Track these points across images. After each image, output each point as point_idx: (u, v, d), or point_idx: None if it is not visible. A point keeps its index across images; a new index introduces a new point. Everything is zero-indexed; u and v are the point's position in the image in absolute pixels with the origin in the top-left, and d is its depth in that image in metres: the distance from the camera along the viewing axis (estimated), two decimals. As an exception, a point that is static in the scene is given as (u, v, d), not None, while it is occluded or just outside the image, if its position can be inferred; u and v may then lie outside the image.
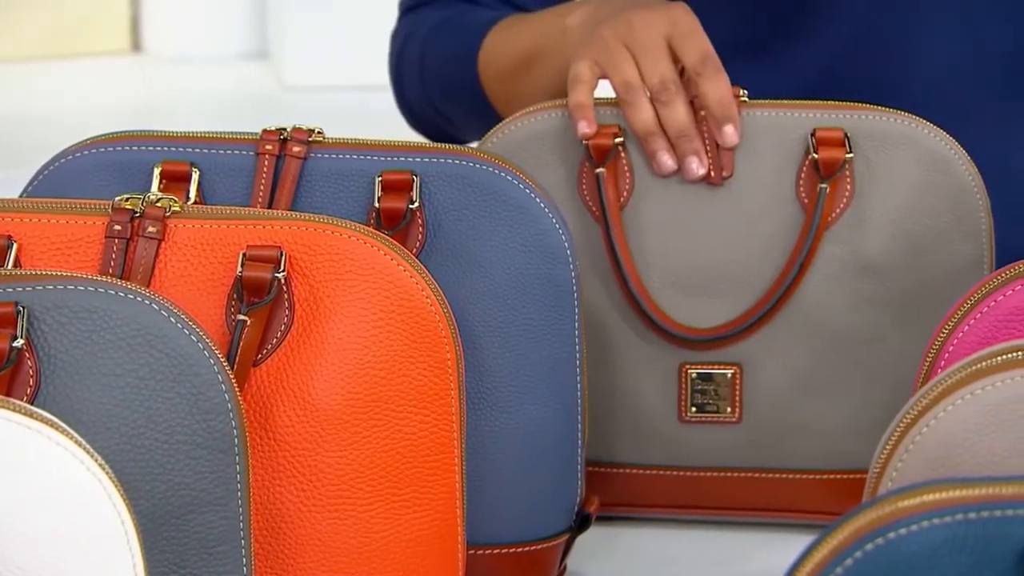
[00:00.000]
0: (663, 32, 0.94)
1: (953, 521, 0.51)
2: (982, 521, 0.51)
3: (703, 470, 0.96)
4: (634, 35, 0.94)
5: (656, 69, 0.93)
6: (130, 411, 0.67)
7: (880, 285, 0.93)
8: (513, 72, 1.08)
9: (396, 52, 1.20)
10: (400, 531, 0.77)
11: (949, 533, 0.51)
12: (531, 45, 1.06)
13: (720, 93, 0.92)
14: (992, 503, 0.51)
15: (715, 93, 0.92)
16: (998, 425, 0.62)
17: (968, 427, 0.62)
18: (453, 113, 1.17)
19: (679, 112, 0.92)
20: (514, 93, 1.08)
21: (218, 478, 0.69)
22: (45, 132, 1.91)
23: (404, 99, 1.21)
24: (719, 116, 0.92)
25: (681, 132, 0.92)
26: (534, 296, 0.85)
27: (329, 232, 0.77)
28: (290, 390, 0.76)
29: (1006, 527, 0.51)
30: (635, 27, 0.94)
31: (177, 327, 0.69)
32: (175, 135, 0.87)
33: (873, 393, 0.94)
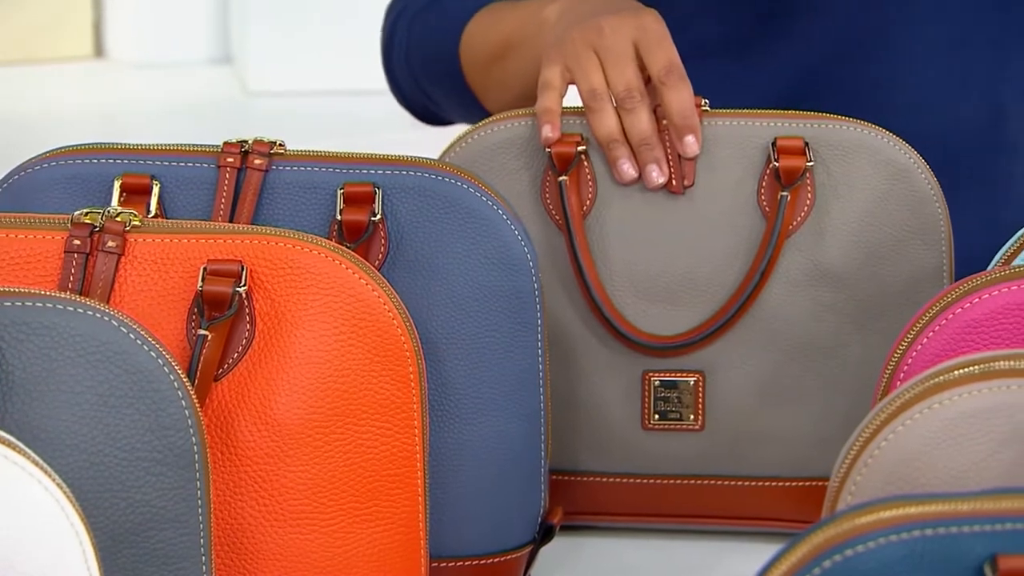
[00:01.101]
0: (631, 38, 0.94)
1: (910, 538, 0.51)
2: (939, 538, 0.51)
3: (666, 478, 0.96)
4: (603, 41, 0.94)
5: (622, 76, 0.93)
6: (89, 428, 0.67)
7: (841, 293, 0.94)
8: (490, 59, 1.08)
9: (387, 28, 1.20)
10: (363, 545, 0.77)
11: (906, 550, 0.51)
12: (509, 34, 1.06)
13: (682, 103, 0.92)
14: (949, 520, 0.51)
15: (677, 103, 0.92)
16: (955, 439, 0.62)
17: (926, 441, 0.62)
18: (437, 95, 1.17)
19: (642, 120, 0.93)
20: (490, 81, 1.09)
21: (178, 495, 0.69)
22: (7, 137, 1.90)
23: (393, 76, 1.21)
24: (680, 126, 0.92)
25: (643, 140, 0.92)
26: (496, 308, 0.85)
27: (290, 246, 0.77)
28: (251, 405, 0.75)
29: (963, 544, 0.51)
30: (604, 33, 0.94)
31: (137, 343, 0.68)
32: (136, 147, 0.87)
33: (835, 401, 0.95)
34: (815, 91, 1.08)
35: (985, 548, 0.51)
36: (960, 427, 0.62)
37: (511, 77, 1.06)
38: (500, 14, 1.09)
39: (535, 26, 1.03)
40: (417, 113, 1.24)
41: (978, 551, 0.51)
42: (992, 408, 0.62)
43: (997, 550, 0.51)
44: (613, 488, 0.97)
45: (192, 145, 0.87)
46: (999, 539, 0.51)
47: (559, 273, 0.95)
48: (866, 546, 0.51)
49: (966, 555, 0.51)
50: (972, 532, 0.51)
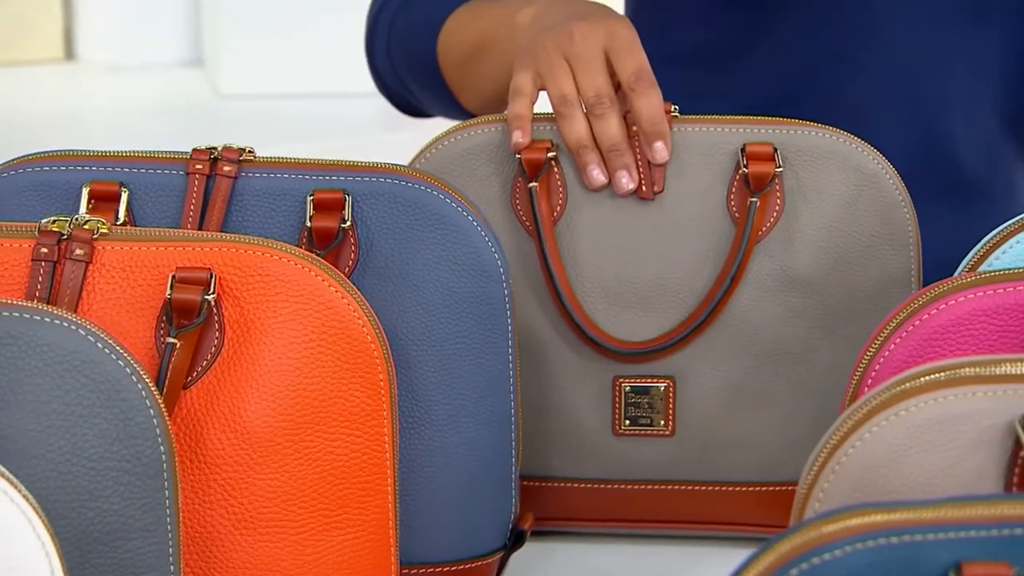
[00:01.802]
0: (602, 44, 0.94)
1: (876, 546, 0.51)
2: (904, 545, 0.51)
3: (637, 483, 0.96)
4: (573, 47, 0.94)
5: (592, 82, 0.93)
6: (56, 438, 0.67)
7: (810, 298, 0.94)
8: (465, 59, 1.08)
9: (370, 21, 1.20)
10: (333, 552, 0.77)
11: (872, 558, 0.51)
12: (483, 35, 1.06)
13: (652, 109, 0.92)
14: (914, 527, 0.52)
15: (647, 109, 0.92)
16: (922, 446, 0.62)
17: (893, 448, 0.62)
18: (416, 90, 1.17)
19: (612, 126, 0.93)
20: (464, 80, 1.09)
21: (147, 504, 0.69)
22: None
23: (375, 69, 1.21)
24: (649, 132, 0.93)
25: (612, 146, 0.93)
26: (467, 314, 0.85)
27: (259, 253, 0.77)
28: (220, 413, 0.75)
29: (928, 551, 0.51)
30: (575, 39, 0.94)
31: (104, 352, 0.68)
32: (104, 154, 0.86)
33: (804, 405, 0.95)
34: (790, 100, 1.08)
35: (950, 555, 0.51)
36: (927, 434, 0.62)
37: (483, 79, 1.06)
38: (476, 13, 1.09)
39: (507, 29, 1.03)
40: (399, 106, 1.24)
41: (943, 558, 0.51)
42: (958, 415, 0.62)
43: (962, 557, 0.51)
44: (584, 494, 0.97)
45: (161, 152, 0.87)
46: (964, 546, 0.51)
47: (529, 279, 0.95)
48: (832, 554, 0.51)
49: (931, 562, 0.51)
50: (937, 540, 0.51)
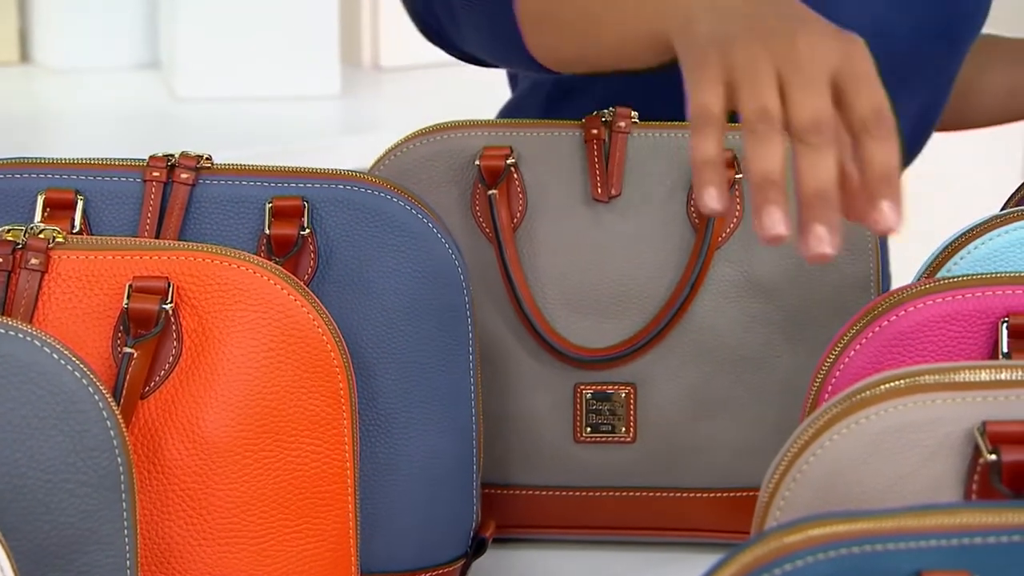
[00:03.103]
0: (832, 66, 0.70)
1: (837, 556, 0.52)
2: (865, 555, 0.52)
3: (598, 490, 0.97)
4: (794, 59, 0.69)
5: (812, 103, 0.68)
6: (11, 450, 0.66)
7: (770, 304, 0.94)
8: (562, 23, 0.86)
9: None
10: (293, 562, 0.77)
11: (834, 568, 0.51)
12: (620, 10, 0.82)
13: (889, 160, 0.68)
14: (875, 537, 0.52)
15: (882, 158, 0.68)
16: (882, 454, 0.63)
17: (853, 456, 0.63)
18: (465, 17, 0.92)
19: (828, 164, 0.67)
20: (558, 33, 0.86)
21: (104, 516, 0.68)
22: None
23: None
24: (881, 189, 0.67)
25: (822, 191, 0.66)
26: (428, 322, 0.85)
27: (218, 262, 0.76)
28: (179, 422, 0.75)
29: (889, 561, 0.52)
30: (799, 49, 0.70)
31: (60, 363, 0.68)
32: (59, 162, 0.86)
33: (764, 411, 0.95)
34: None
35: (911, 565, 0.51)
36: (886, 442, 0.63)
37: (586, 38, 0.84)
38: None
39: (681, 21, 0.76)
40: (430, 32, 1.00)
41: (904, 568, 0.51)
42: (918, 422, 0.63)
43: (923, 567, 0.51)
44: (545, 501, 0.97)
45: (117, 159, 0.87)
46: (924, 556, 0.52)
47: (489, 286, 0.95)
48: (794, 565, 0.51)
49: (893, 572, 0.51)
50: (898, 549, 0.52)
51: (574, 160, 0.95)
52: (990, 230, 0.80)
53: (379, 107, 2.15)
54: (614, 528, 0.97)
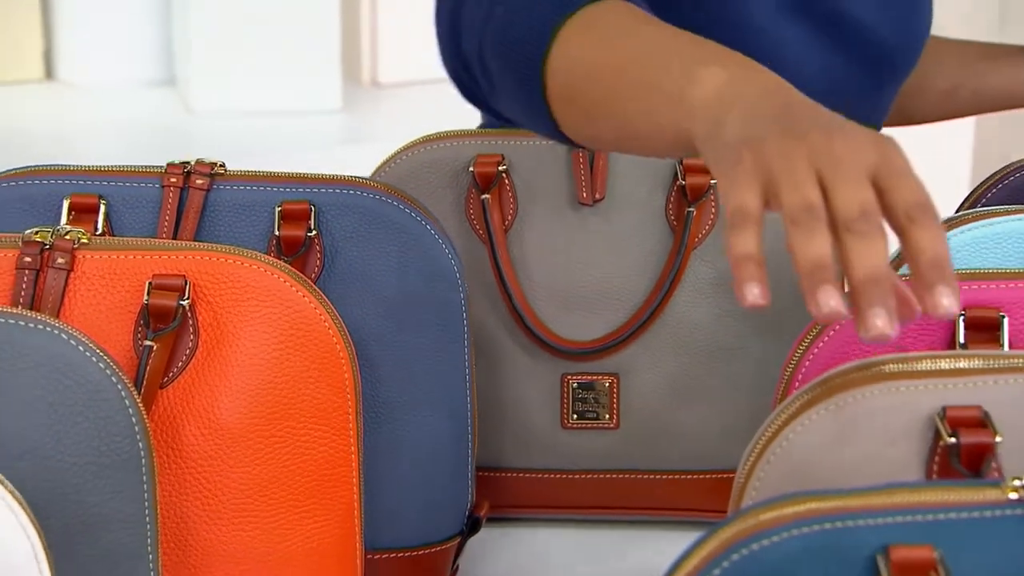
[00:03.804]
0: (871, 163, 0.64)
1: (810, 532, 0.51)
2: (835, 531, 0.51)
3: (584, 473, 0.96)
4: (833, 154, 0.63)
5: (857, 196, 0.62)
6: (41, 436, 0.66)
7: (743, 300, 0.94)
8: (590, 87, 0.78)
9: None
10: (302, 539, 0.76)
11: (806, 543, 0.51)
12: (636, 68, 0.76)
13: (939, 248, 0.61)
14: (844, 514, 0.52)
15: (932, 246, 0.61)
16: (849, 437, 0.62)
17: (823, 440, 0.62)
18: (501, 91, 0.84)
19: (878, 248, 0.61)
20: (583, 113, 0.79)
21: (126, 497, 0.68)
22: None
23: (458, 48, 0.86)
24: (933, 275, 0.61)
25: (876, 275, 0.60)
26: (426, 317, 0.84)
27: (231, 261, 0.76)
28: (195, 410, 0.74)
29: (856, 536, 0.51)
30: (836, 147, 0.64)
31: (85, 355, 0.67)
32: (84, 169, 0.85)
33: (737, 399, 0.95)
34: None
35: (879, 539, 0.51)
36: (854, 426, 0.62)
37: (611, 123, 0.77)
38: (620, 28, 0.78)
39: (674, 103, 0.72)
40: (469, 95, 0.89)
41: (872, 542, 0.51)
42: (883, 408, 0.63)
43: (889, 541, 0.51)
44: (535, 483, 0.96)
45: (137, 166, 0.86)
46: (891, 531, 0.51)
47: (483, 284, 0.94)
48: (770, 540, 0.51)
49: (861, 546, 0.51)
50: (866, 525, 0.51)
51: (561, 167, 0.95)
52: (947, 230, 0.79)
53: (378, 120, 2.15)
54: (599, 508, 0.97)
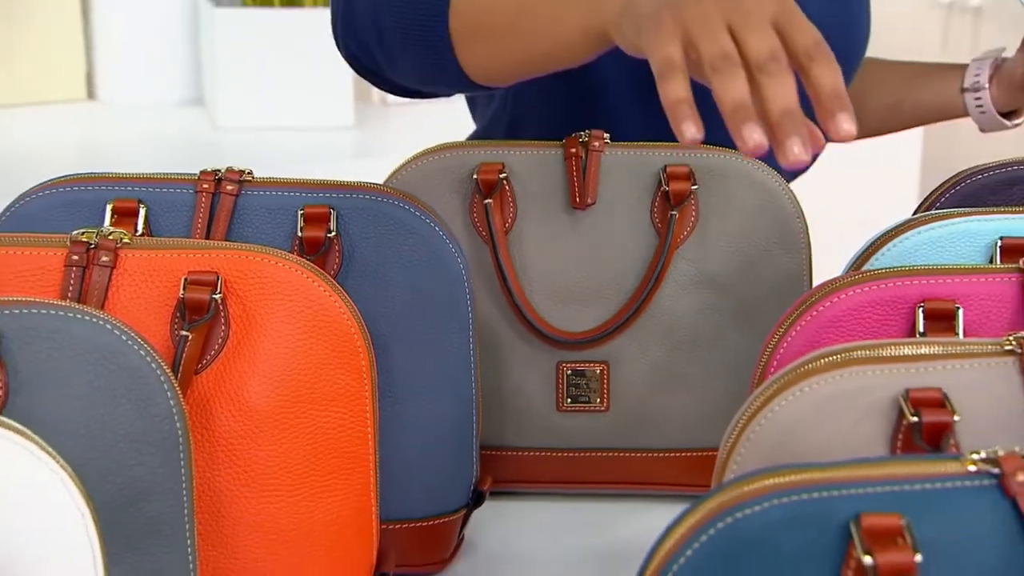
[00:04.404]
0: (772, 11, 0.67)
1: (788, 502, 0.51)
2: (812, 501, 0.51)
3: (578, 451, 0.96)
4: (741, 8, 0.67)
5: (766, 42, 0.66)
6: (88, 417, 0.65)
7: (721, 295, 0.94)
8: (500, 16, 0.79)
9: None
10: (323, 511, 0.76)
11: (786, 512, 0.51)
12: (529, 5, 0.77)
13: (837, 80, 0.65)
14: (820, 486, 0.51)
15: (831, 78, 0.65)
16: (822, 417, 0.62)
17: (798, 419, 0.62)
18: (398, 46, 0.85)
19: (788, 86, 0.64)
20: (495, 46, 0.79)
21: (165, 472, 0.67)
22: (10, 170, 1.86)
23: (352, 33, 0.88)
24: (834, 105, 0.64)
25: (788, 109, 0.63)
26: (434, 310, 0.84)
27: (259, 259, 0.75)
28: (227, 394, 0.74)
29: (831, 505, 0.51)
30: (741, 9, 0.67)
31: (128, 344, 0.67)
32: (124, 176, 0.85)
33: (716, 385, 0.95)
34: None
35: (851, 508, 0.51)
36: (826, 407, 0.62)
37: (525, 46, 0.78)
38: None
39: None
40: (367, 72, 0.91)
41: (846, 511, 0.51)
42: (852, 390, 0.62)
43: (860, 510, 0.51)
44: (533, 460, 0.96)
45: (173, 173, 0.86)
46: (862, 501, 0.51)
47: (485, 280, 0.94)
48: (752, 510, 0.51)
49: (835, 515, 0.51)
50: (840, 495, 0.51)
51: (556, 174, 0.94)
52: (906, 231, 0.79)
53: (386, 136, 2.14)
54: (592, 483, 0.97)
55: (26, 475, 0.57)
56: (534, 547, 0.91)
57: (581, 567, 0.88)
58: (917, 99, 1.10)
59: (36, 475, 0.57)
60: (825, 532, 0.50)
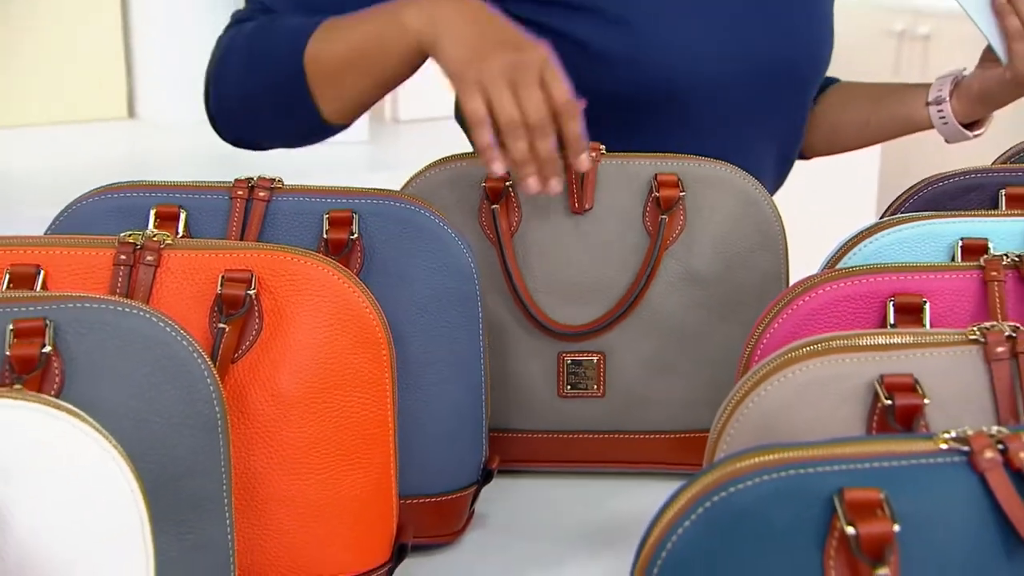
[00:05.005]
0: (539, 69, 0.83)
1: (777, 477, 0.51)
2: (799, 476, 0.51)
3: (577, 433, 0.95)
4: (517, 75, 0.83)
5: (537, 109, 0.83)
6: (136, 401, 0.65)
7: (706, 291, 0.93)
8: (344, 67, 0.91)
9: (219, 55, 0.99)
10: (348, 488, 0.75)
11: (775, 486, 0.50)
12: (364, 41, 0.90)
13: (578, 131, 0.84)
14: (806, 463, 0.51)
15: (575, 129, 0.84)
16: (804, 400, 0.61)
17: (782, 402, 0.62)
18: (269, 115, 0.97)
19: (550, 143, 0.84)
20: (343, 87, 0.92)
21: (205, 452, 0.67)
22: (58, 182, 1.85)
23: (221, 97, 0.99)
24: (578, 148, 0.85)
25: (550, 158, 0.84)
26: (448, 305, 0.83)
27: (289, 258, 0.75)
28: (260, 381, 0.73)
29: (817, 480, 0.51)
30: (519, 68, 0.83)
31: (172, 335, 0.66)
32: (166, 184, 0.84)
33: (702, 373, 0.94)
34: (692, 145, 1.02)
35: (835, 483, 0.50)
36: (808, 391, 0.61)
37: (371, 80, 0.92)
38: (347, 25, 0.92)
39: (396, 32, 0.88)
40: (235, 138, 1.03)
41: (830, 485, 0.50)
42: (832, 376, 0.62)
43: (843, 484, 0.50)
44: (537, 442, 0.95)
45: (210, 182, 0.85)
46: (845, 476, 0.51)
47: (493, 279, 0.93)
48: (744, 484, 0.50)
49: (820, 489, 0.50)
50: (825, 471, 0.51)
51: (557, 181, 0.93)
52: (876, 232, 0.79)
53: (398, 151, 2.14)
54: (589, 462, 0.96)
55: (81, 453, 0.56)
56: (537, 519, 0.90)
57: (579, 537, 0.87)
58: (887, 114, 1.10)
59: (90, 453, 0.56)
60: (811, 505, 0.50)
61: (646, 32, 0.98)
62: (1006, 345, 0.61)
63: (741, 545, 0.50)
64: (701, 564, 0.50)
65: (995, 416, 0.61)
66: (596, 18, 0.98)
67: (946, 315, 0.71)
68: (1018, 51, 0.97)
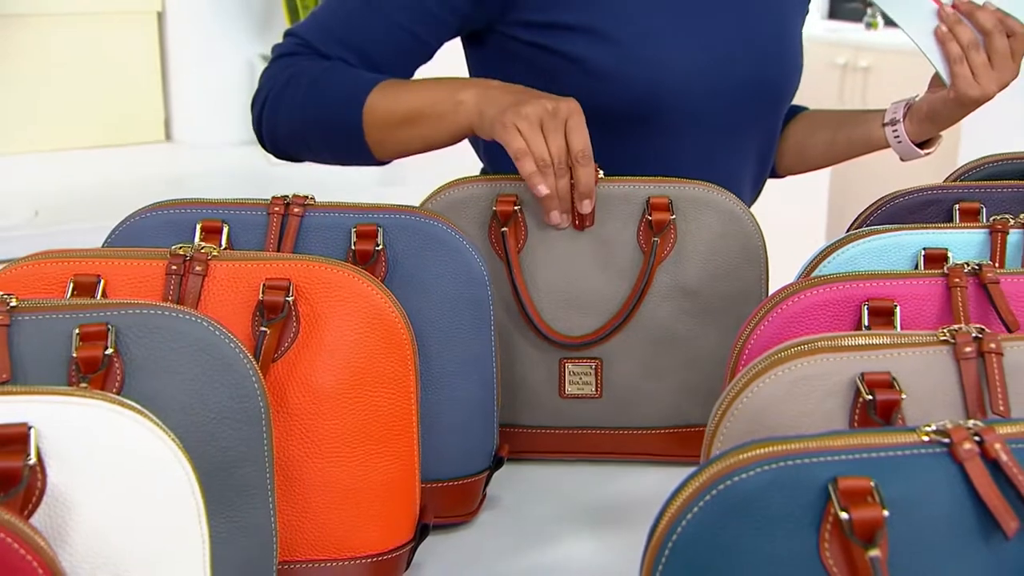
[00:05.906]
0: (565, 117, 0.88)
1: (776, 467, 0.50)
2: (796, 467, 0.50)
3: (577, 429, 0.94)
4: (548, 113, 0.88)
5: (560, 150, 0.88)
6: (189, 398, 0.64)
7: (695, 302, 0.92)
8: (398, 123, 0.95)
9: (276, 87, 1.01)
10: (377, 474, 0.74)
11: (773, 476, 0.50)
12: (421, 106, 0.94)
13: (589, 178, 0.89)
14: (802, 454, 0.50)
15: (586, 177, 0.89)
16: (793, 396, 0.61)
17: (773, 399, 0.61)
18: (321, 145, 1.00)
19: (565, 183, 0.89)
20: (395, 140, 0.96)
21: (251, 442, 0.66)
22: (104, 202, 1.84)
23: (276, 123, 1.01)
24: (585, 193, 0.89)
25: (563, 196, 0.89)
26: (463, 310, 0.82)
27: (323, 268, 0.74)
28: (298, 378, 0.72)
29: (811, 470, 0.50)
30: (549, 115, 0.88)
31: (220, 337, 0.65)
32: (211, 201, 0.83)
33: (692, 375, 0.93)
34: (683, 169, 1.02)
35: (829, 473, 0.50)
36: (796, 388, 0.61)
37: (420, 139, 0.96)
38: (407, 89, 0.96)
39: (451, 105, 0.93)
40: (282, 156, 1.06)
41: (824, 475, 0.49)
42: (817, 374, 0.61)
43: (836, 474, 0.50)
44: (542, 436, 0.95)
45: (250, 199, 0.84)
46: (838, 466, 0.50)
47: (501, 293, 0.92)
48: (746, 474, 0.50)
49: (816, 478, 0.50)
50: (819, 462, 0.50)
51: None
52: (847, 243, 0.78)
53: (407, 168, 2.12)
54: (589, 454, 0.95)
55: (144, 446, 0.55)
56: (543, 502, 0.89)
57: (580, 519, 0.86)
58: (848, 136, 1.10)
59: (152, 446, 0.55)
60: (807, 492, 0.49)
61: (635, 50, 0.98)
62: (973, 345, 0.61)
63: (744, 529, 0.49)
64: (708, 546, 0.49)
65: (964, 409, 0.60)
66: (590, 37, 0.98)
67: (914, 318, 0.70)
68: (959, 73, 0.97)
